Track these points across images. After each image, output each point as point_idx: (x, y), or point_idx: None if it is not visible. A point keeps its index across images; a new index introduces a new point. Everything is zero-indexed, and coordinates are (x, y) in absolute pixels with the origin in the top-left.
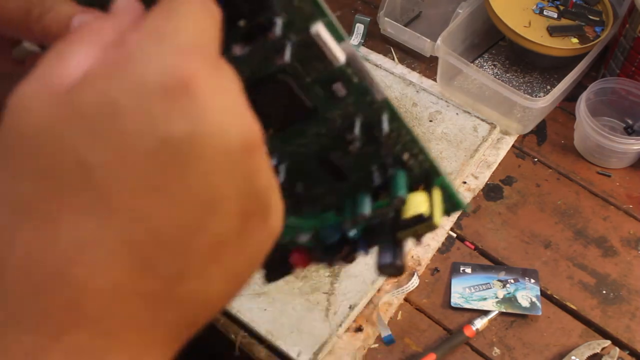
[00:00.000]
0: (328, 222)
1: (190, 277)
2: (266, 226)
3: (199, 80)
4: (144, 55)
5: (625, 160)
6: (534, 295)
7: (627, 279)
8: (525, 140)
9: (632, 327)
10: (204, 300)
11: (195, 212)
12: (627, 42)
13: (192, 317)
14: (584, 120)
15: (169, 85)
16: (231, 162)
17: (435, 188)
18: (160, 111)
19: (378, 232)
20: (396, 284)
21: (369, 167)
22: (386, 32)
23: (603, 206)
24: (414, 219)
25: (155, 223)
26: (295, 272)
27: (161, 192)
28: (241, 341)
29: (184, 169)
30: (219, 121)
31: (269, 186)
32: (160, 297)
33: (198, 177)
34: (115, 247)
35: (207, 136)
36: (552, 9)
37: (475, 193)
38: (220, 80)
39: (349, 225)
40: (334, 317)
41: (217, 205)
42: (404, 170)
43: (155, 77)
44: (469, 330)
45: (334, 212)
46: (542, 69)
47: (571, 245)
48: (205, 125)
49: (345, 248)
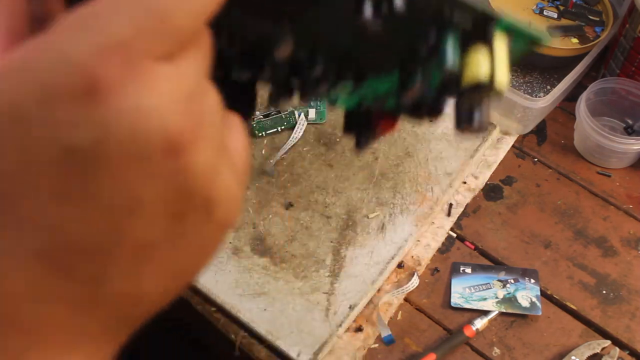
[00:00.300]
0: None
1: (116, 279)
2: (211, 220)
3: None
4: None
5: (625, 160)
6: (534, 295)
7: (627, 279)
8: (525, 140)
9: (632, 327)
10: (137, 298)
11: (110, 218)
12: (627, 42)
13: (126, 314)
14: (584, 120)
15: (78, 88)
16: (149, 165)
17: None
18: (65, 117)
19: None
20: (396, 284)
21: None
22: None
23: (603, 206)
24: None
25: (67, 232)
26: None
27: (71, 201)
28: (241, 341)
29: (91, 176)
30: (132, 127)
31: (209, 181)
32: (85, 298)
33: (108, 184)
34: (27, 255)
35: (116, 143)
36: (552, 9)
37: (475, 193)
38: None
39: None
40: (334, 317)
41: (136, 209)
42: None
43: (63, 80)
44: (469, 330)
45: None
46: (542, 69)
47: (571, 245)
48: (114, 131)
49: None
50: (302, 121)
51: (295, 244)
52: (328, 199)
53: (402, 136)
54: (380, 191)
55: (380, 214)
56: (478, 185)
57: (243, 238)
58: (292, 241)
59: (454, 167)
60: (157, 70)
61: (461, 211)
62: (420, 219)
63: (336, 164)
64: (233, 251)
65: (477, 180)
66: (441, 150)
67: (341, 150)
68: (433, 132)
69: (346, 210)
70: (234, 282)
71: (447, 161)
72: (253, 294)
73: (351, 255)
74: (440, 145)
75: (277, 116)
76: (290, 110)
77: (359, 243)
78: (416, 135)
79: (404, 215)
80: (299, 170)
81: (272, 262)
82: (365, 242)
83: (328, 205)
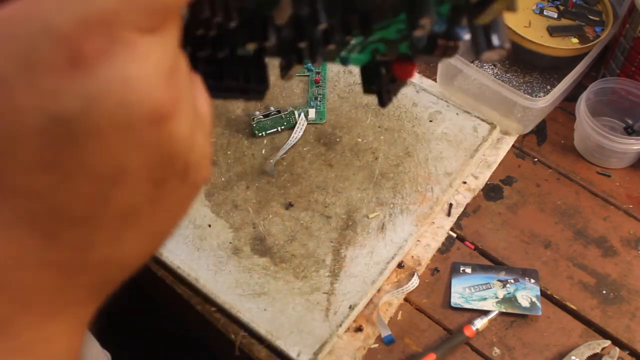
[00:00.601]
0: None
1: (101, 245)
2: (185, 184)
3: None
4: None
5: (625, 160)
6: (534, 295)
7: (627, 279)
8: (525, 140)
9: (632, 327)
10: (119, 262)
11: (95, 186)
12: (627, 42)
13: (108, 278)
14: (584, 120)
15: (63, 59)
16: (135, 134)
17: None
18: (52, 86)
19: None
20: (396, 284)
21: None
22: None
23: (603, 206)
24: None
25: (53, 199)
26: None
27: (56, 170)
28: (241, 341)
29: (78, 146)
30: (118, 96)
31: (188, 146)
32: (70, 264)
33: (95, 153)
34: (12, 222)
35: (102, 111)
36: (552, 9)
37: (475, 193)
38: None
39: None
40: (334, 317)
41: (121, 177)
42: None
43: (48, 49)
44: (469, 330)
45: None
46: (542, 69)
47: (571, 245)
48: (101, 101)
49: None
50: (302, 121)
51: (295, 244)
52: (328, 199)
53: (402, 136)
54: (380, 191)
55: (380, 214)
56: (478, 185)
57: (243, 238)
58: (292, 241)
59: (454, 167)
60: (142, 43)
61: (461, 211)
62: (420, 219)
63: (336, 164)
64: (233, 251)
65: (477, 180)
66: (441, 150)
67: (341, 150)
68: (433, 132)
69: (346, 210)
70: (234, 282)
71: (447, 161)
72: (253, 294)
73: (351, 255)
74: (440, 145)
75: (277, 116)
76: (290, 110)
77: (359, 243)
78: (416, 135)
79: (404, 215)
80: (299, 170)
81: (272, 262)
82: (365, 242)
83: (328, 205)
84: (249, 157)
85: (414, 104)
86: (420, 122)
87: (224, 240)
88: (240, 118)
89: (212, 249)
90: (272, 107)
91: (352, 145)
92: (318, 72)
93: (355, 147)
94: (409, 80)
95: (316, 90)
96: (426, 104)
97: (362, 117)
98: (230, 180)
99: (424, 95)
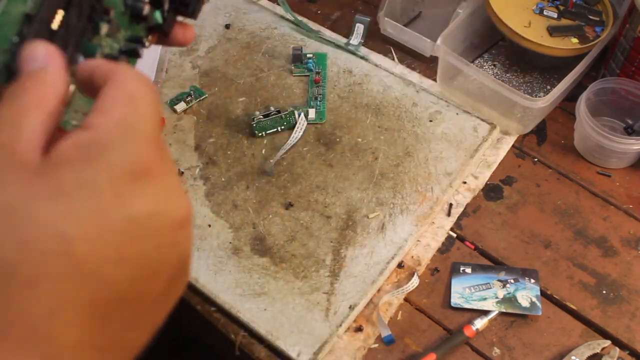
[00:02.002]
0: None
1: (132, 329)
2: (182, 282)
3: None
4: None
5: (625, 160)
6: (534, 295)
7: (627, 279)
8: (525, 140)
9: (632, 327)
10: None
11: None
12: (627, 42)
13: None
14: (584, 120)
15: (136, 170)
16: (173, 235)
17: None
18: (129, 192)
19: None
20: (396, 284)
21: None
22: (386, 32)
23: (603, 206)
24: None
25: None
26: None
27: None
28: (241, 341)
29: (146, 240)
30: (169, 201)
31: (190, 251)
32: (108, 348)
33: (153, 247)
34: (84, 306)
35: (162, 213)
36: (552, 9)
37: (475, 193)
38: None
39: None
40: (334, 317)
41: (159, 270)
42: None
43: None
44: (469, 330)
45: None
46: (542, 69)
47: (571, 245)
48: (161, 204)
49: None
50: (302, 121)
51: (295, 244)
52: (328, 199)
53: (402, 136)
54: (380, 191)
55: (380, 214)
56: (478, 185)
57: (243, 238)
58: (292, 241)
59: (454, 167)
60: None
61: (461, 211)
62: (420, 219)
63: (336, 164)
64: (233, 251)
65: (477, 180)
66: (441, 150)
67: (341, 150)
68: (433, 132)
69: (346, 210)
70: (234, 282)
71: (447, 161)
72: (253, 294)
73: (351, 255)
74: (440, 145)
75: (277, 116)
76: (290, 110)
77: (359, 243)
78: (416, 135)
79: (404, 215)
80: (299, 170)
81: (272, 262)
82: (365, 242)
83: (328, 205)
84: (249, 157)
85: (414, 104)
86: (420, 122)
87: (224, 240)
88: (240, 118)
89: (212, 249)
90: (272, 107)
91: (352, 145)
92: (318, 72)
93: (355, 147)
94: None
95: (316, 90)
96: (426, 104)
97: (362, 117)
98: (230, 180)
99: (423, 95)
